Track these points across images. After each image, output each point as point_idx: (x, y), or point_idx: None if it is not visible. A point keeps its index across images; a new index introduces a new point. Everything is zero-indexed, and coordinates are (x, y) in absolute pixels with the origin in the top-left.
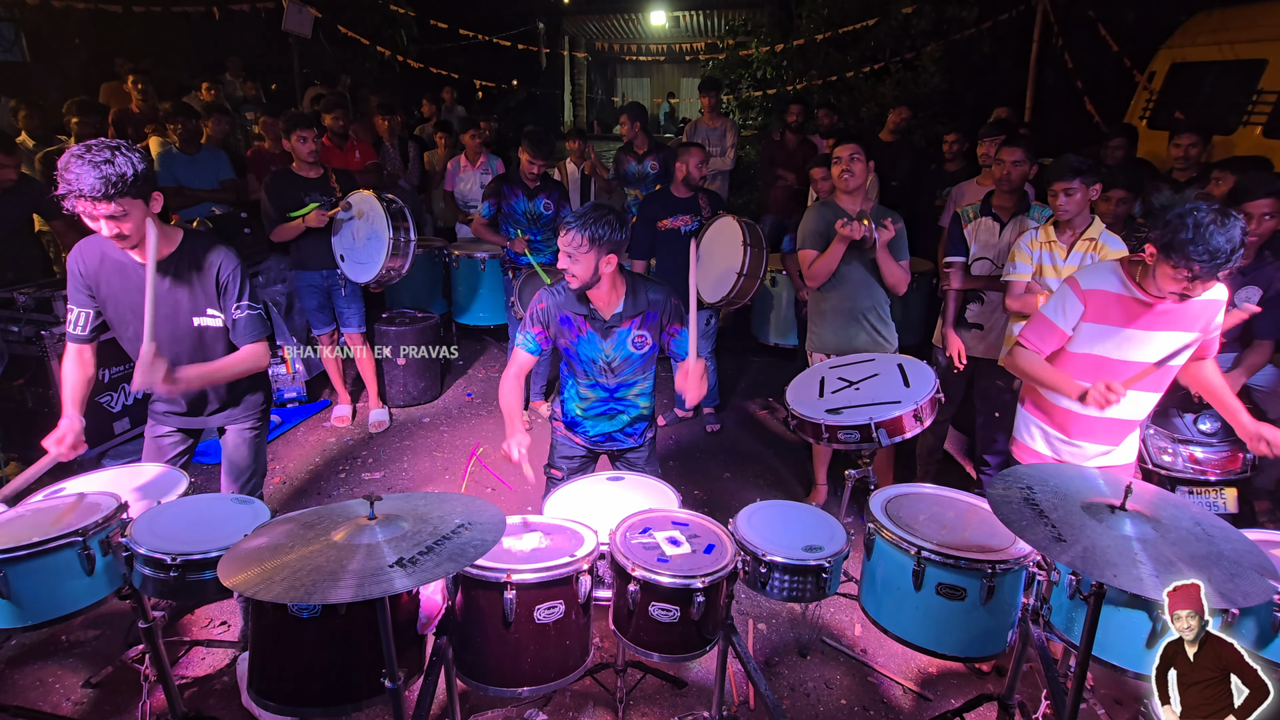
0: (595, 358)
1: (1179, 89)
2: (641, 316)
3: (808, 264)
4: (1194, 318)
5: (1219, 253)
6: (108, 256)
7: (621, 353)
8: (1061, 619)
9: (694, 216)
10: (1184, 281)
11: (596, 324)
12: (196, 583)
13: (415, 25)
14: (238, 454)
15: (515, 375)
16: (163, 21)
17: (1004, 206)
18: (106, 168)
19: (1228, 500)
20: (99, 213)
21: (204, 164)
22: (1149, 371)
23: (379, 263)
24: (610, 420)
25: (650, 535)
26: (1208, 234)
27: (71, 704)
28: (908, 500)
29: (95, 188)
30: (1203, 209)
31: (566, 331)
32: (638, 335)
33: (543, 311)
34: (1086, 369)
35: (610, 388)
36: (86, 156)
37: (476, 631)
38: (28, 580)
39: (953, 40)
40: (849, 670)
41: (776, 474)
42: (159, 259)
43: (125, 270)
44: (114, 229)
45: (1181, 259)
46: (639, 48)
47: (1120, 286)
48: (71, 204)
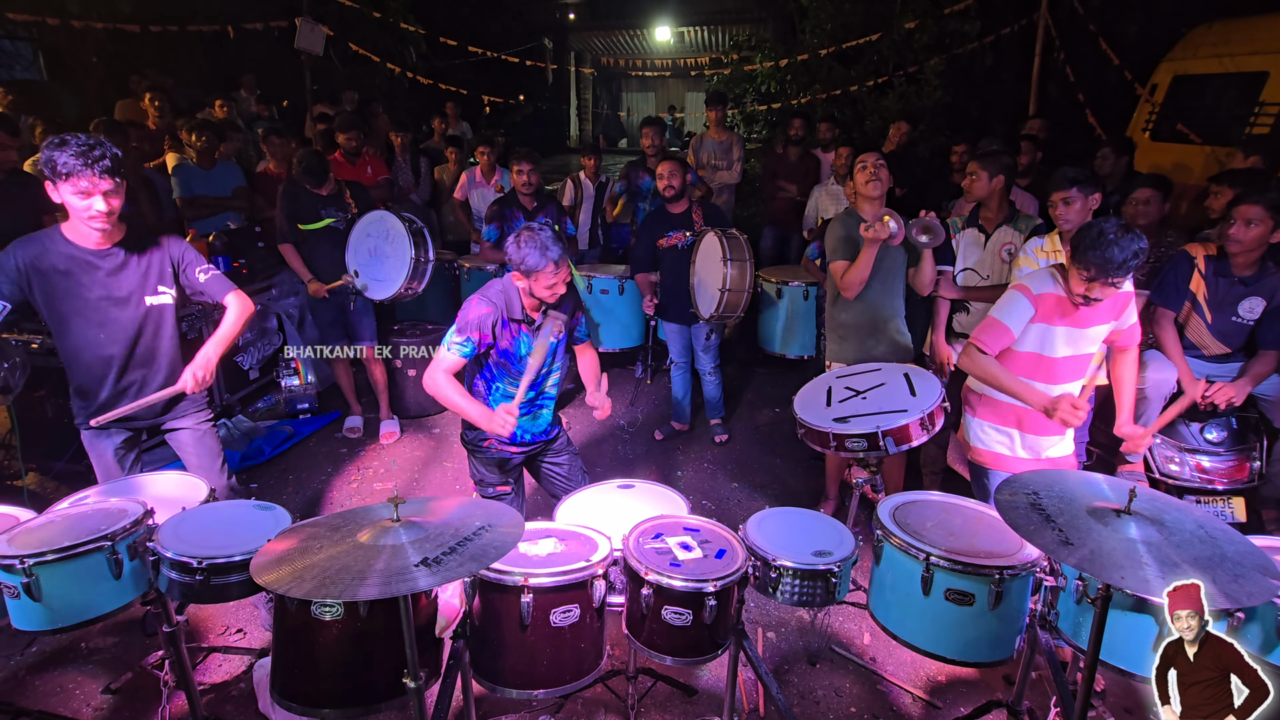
0: (528, 355)
1: (1181, 101)
2: (559, 310)
3: (840, 275)
4: (1113, 308)
5: (1110, 262)
6: (53, 251)
7: (548, 344)
8: (1069, 624)
9: (688, 232)
10: (1084, 283)
11: (530, 325)
12: (221, 586)
13: (424, 42)
14: (202, 445)
15: (447, 374)
16: (178, 40)
17: (989, 218)
18: (100, 149)
19: (1236, 509)
20: (98, 189)
21: (219, 178)
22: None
23: (398, 282)
24: (535, 420)
25: (663, 540)
26: (1105, 243)
27: (91, 710)
28: (915, 507)
29: (100, 165)
30: (1112, 223)
31: (505, 334)
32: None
33: (486, 317)
34: (1028, 366)
35: (535, 383)
36: (77, 142)
37: (493, 634)
38: (58, 583)
39: (955, 54)
40: (858, 678)
41: (784, 483)
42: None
43: (75, 262)
44: (109, 204)
45: (1082, 261)
46: (644, 63)
47: (1057, 288)
48: (72, 185)
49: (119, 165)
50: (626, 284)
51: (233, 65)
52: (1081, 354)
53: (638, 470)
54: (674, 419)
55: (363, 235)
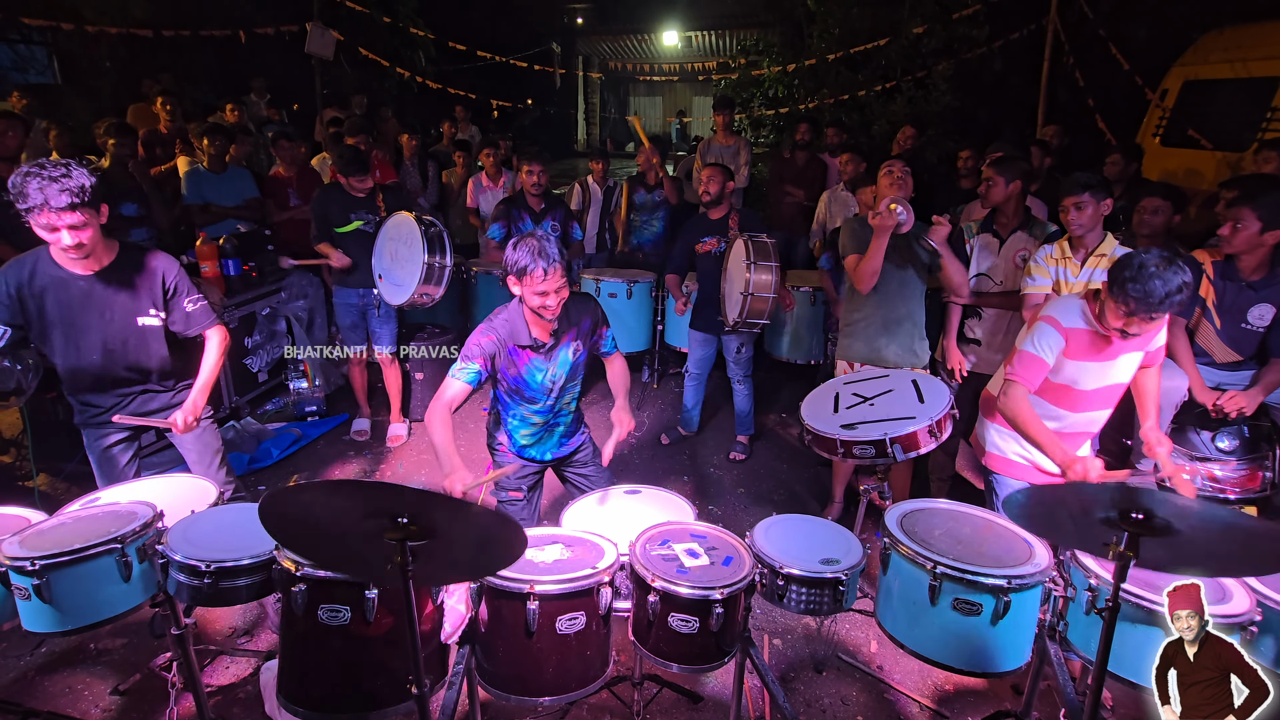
0: (541, 380)
1: (1192, 107)
2: (575, 329)
3: (853, 269)
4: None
5: (1151, 295)
6: (43, 274)
7: (565, 369)
8: (1078, 635)
9: (720, 239)
10: (1123, 317)
11: (540, 350)
12: (229, 589)
13: (433, 47)
14: (201, 441)
15: (447, 406)
16: (189, 45)
17: (1004, 223)
18: (66, 180)
19: None
20: (62, 223)
21: (230, 182)
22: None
23: (412, 286)
24: (550, 434)
25: (669, 547)
26: (1146, 275)
27: (100, 710)
28: (923, 515)
29: (61, 199)
30: (1153, 254)
31: (515, 362)
32: (575, 346)
33: (490, 344)
34: (1061, 397)
35: (552, 405)
36: (43, 173)
37: (499, 641)
38: (68, 585)
39: (964, 59)
40: (865, 687)
41: (791, 490)
42: (100, 269)
43: (65, 286)
44: (75, 238)
45: (1120, 295)
46: (652, 67)
47: (1085, 323)
48: (35, 218)
49: (85, 196)
50: (634, 288)
51: (244, 69)
52: (1112, 384)
53: (643, 474)
54: (681, 425)
55: (386, 239)
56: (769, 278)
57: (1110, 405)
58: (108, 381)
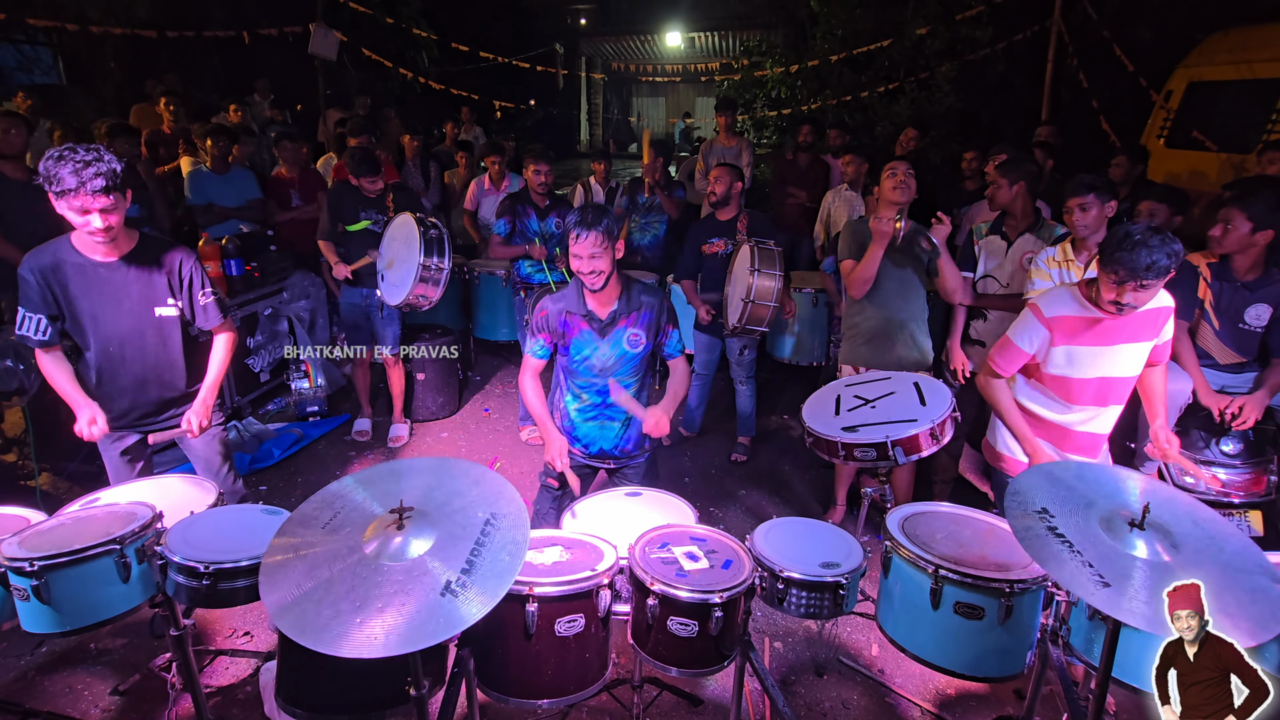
0: (590, 356)
1: (1197, 108)
2: (636, 315)
3: (848, 273)
4: (1147, 326)
5: (1139, 264)
6: (65, 261)
7: (617, 351)
8: (1081, 640)
9: (728, 241)
10: (1114, 287)
11: (594, 324)
12: (228, 590)
13: (436, 48)
14: (210, 448)
15: (532, 376)
16: (193, 46)
17: (1013, 225)
18: (99, 165)
19: (1252, 522)
20: (95, 206)
21: (233, 183)
22: None
23: (407, 287)
24: (601, 429)
25: (669, 550)
26: (1131, 244)
27: (100, 711)
28: (925, 518)
29: (96, 183)
30: (1142, 226)
31: (566, 332)
32: (633, 334)
33: (545, 319)
34: (1059, 387)
35: (603, 389)
36: (75, 158)
37: (498, 643)
38: (67, 586)
39: (967, 60)
40: (866, 690)
41: (792, 492)
42: (120, 255)
43: (85, 272)
44: (105, 221)
45: (1110, 264)
46: (655, 68)
47: (1079, 308)
48: (70, 201)
49: (116, 180)
50: None
51: (247, 70)
52: (1115, 376)
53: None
54: (683, 426)
55: (390, 239)
56: (772, 285)
57: (1116, 402)
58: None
